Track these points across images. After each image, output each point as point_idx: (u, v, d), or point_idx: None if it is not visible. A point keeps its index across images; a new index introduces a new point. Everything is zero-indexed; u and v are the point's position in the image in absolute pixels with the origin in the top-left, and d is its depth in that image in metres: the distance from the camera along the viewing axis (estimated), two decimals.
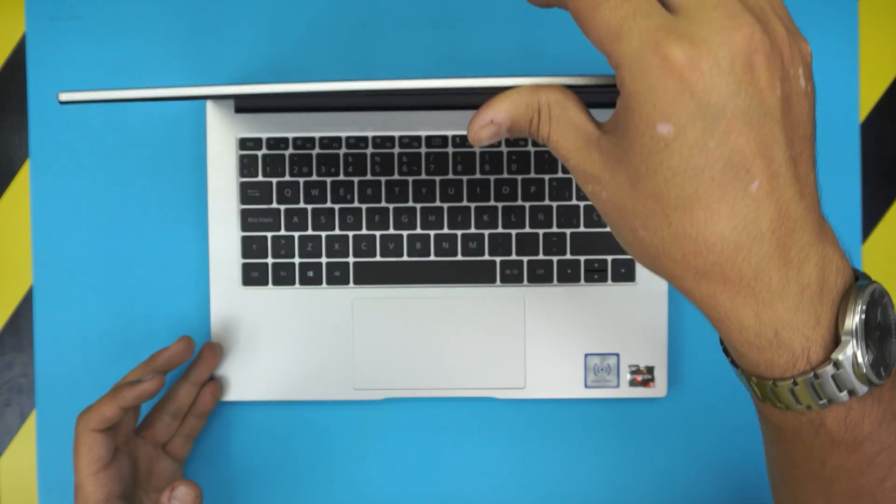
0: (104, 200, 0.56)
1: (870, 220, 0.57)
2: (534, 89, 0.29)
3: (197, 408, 0.53)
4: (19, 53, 0.56)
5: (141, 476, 0.49)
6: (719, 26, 0.25)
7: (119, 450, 0.47)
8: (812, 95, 0.28)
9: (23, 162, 0.56)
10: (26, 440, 0.56)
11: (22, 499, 0.56)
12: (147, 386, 0.45)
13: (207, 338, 0.55)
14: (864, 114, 0.57)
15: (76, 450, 0.45)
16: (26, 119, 0.56)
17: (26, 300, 0.56)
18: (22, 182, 0.56)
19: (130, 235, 0.56)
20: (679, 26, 0.25)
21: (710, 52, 0.25)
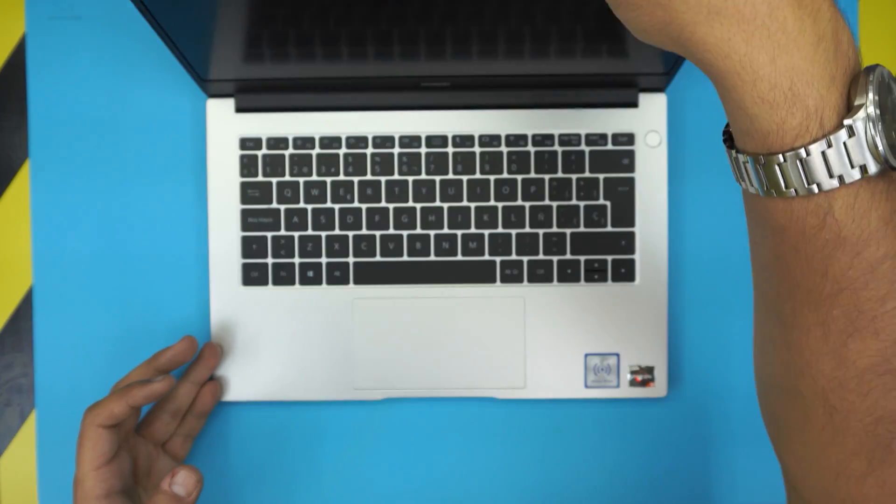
0: (104, 200, 0.56)
1: None
2: None
3: (197, 407, 0.53)
4: (19, 53, 0.56)
5: (140, 474, 0.49)
6: None
7: (120, 447, 0.47)
8: None
9: (23, 162, 0.56)
10: (26, 440, 0.56)
11: (22, 499, 0.56)
12: (158, 386, 0.46)
13: (207, 338, 0.55)
14: None
15: (80, 444, 0.45)
16: (26, 119, 0.56)
17: (26, 300, 0.56)
18: (22, 182, 0.56)
19: (130, 235, 0.56)
20: None
21: None
